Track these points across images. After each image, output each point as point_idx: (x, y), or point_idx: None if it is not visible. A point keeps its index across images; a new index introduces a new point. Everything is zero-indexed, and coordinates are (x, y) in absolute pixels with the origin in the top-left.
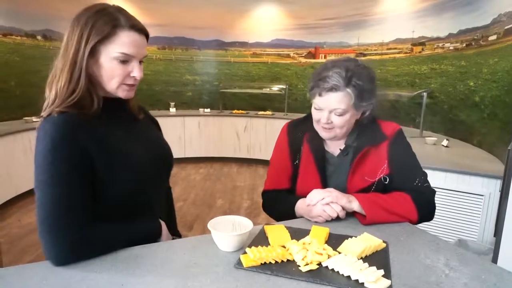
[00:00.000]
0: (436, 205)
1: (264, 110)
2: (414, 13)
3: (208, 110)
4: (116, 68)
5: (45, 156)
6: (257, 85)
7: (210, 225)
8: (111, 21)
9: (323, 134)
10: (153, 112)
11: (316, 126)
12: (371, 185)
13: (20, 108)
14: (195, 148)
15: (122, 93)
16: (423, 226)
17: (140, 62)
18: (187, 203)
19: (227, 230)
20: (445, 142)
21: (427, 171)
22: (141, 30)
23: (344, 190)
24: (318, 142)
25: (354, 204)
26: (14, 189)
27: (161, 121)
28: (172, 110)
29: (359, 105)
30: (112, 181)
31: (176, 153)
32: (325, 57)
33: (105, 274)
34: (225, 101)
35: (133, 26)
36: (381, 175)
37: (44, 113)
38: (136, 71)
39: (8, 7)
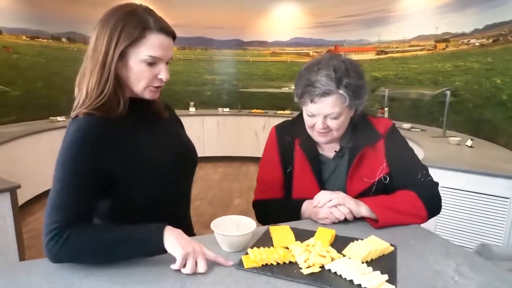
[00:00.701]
0: (459, 207)
1: (283, 110)
2: (437, 8)
3: (227, 109)
4: (144, 70)
5: (61, 154)
6: (276, 84)
7: (213, 225)
8: (140, 24)
9: (319, 139)
10: None
11: (311, 132)
12: (371, 186)
13: (46, 108)
14: (214, 148)
15: (148, 95)
16: (442, 228)
17: (167, 63)
18: (204, 202)
19: (231, 230)
20: (469, 142)
21: (449, 172)
22: (169, 32)
23: (343, 191)
24: (311, 147)
25: (363, 208)
26: (39, 186)
27: None
28: (192, 109)
29: (354, 104)
30: (133, 184)
31: None
32: (345, 55)
33: (107, 272)
34: (243, 101)
35: (162, 28)
36: (381, 175)
37: (72, 114)
38: (163, 73)
39: (35, 11)
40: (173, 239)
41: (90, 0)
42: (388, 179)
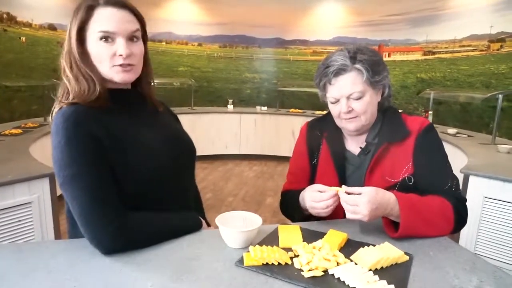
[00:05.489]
0: (505, 221)
1: (322, 110)
2: (493, 5)
3: (265, 108)
4: (101, 48)
5: (62, 151)
6: None
7: (219, 219)
8: (88, 3)
9: (348, 126)
10: (211, 109)
11: (339, 122)
12: (393, 186)
13: None
14: (250, 146)
15: (117, 76)
16: (484, 244)
17: (133, 39)
18: (237, 198)
19: (238, 226)
20: None
21: (496, 182)
22: (116, 3)
23: None
24: (337, 141)
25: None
26: None
27: (218, 118)
28: (230, 107)
29: (374, 81)
30: (126, 171)
31: (231, 150)
32: (389, 55)
33: (108, 258)
34: (282, 100)
35: (108, 1)
36: (405, 175)
37: (56, 108)
38: (120, 49)
39: None
40: None
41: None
42: (412, 180)
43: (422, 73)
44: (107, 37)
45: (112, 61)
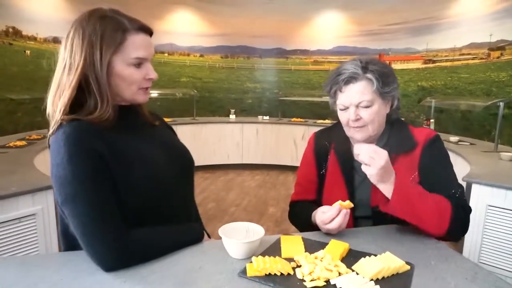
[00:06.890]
0: (509, 229)
1: (324, 119)
2: (492, 14)
3: (267, 117)
4: (133, 73)
5: (64, 168)
6: (317, 93)
7: (221, 230)
8: (119, 27)
9: (356, 135)
10: (213, 119)
11: (347, 130)
12: None
13: None
14: (252, 155)
15: (141, 97)
16: (488, 252)
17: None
18: (239, 208)
19: (240, 236)
20: None
21: (499, 190)
22: (147, 30)
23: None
24: (345, 151)
25: (384, 185)
26: None
27: (220, 128)
28: (232, 117)
29: (383, 92)
30: (129, 186)
31: (234, 159)
32: (390, 64)
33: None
34: (284, 109)
35: (140, 27)
36: None
37: (53, 128)
38: (152, 73)
39: None
40: None
41: (142, 12)
42: None
43: (422, 81)
44: (140, 64)
45: (140, 84)
